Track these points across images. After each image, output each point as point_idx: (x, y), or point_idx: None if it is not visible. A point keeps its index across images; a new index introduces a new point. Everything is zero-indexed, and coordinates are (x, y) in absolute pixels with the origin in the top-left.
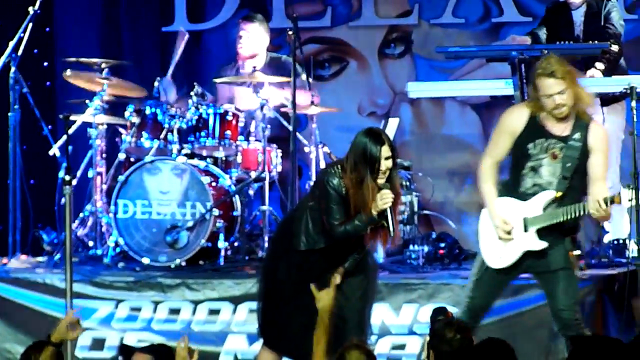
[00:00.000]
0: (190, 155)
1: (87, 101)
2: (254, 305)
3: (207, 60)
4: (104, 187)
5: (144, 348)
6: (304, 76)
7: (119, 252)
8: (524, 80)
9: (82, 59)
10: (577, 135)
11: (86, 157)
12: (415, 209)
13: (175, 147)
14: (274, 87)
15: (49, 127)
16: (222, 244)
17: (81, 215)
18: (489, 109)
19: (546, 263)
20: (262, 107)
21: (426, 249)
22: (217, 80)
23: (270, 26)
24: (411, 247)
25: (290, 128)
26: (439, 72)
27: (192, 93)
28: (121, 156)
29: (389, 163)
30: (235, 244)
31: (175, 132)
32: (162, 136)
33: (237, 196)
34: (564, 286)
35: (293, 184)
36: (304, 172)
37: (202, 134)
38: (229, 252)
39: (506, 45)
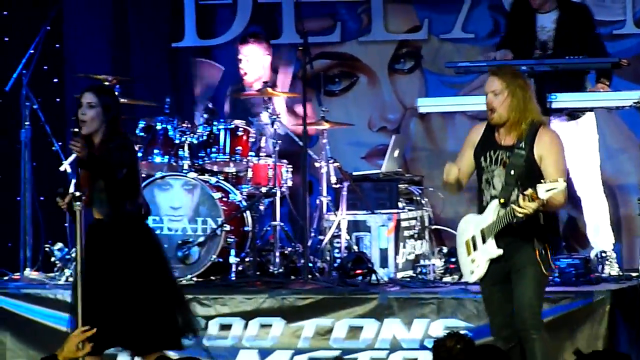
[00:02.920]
0: (201, 171)
1: None
2: (265, 320)
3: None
4: None
5: None
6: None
7: None
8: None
9: (92, 75)
10: (522, 144)
11: None
12: (426, 223)
13: (186, 163)
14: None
15: (59, 143)
16: (233, 259)
17: None
18: None
19: (513, 264)
20: (272, 123)
21: (437, 263)
22: (228, 95)
23: (280, 42)
24: (422, 261)
25: (301, 143)
26: (449, 87)
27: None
28: None
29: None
30: (246, 259)
31: (186, 147)
32: (172, 152)
33: (248, 212)
34: (524, 284)
35: (304, 199)
36: (314, 187)
37: (213, 149)
38: (240, 268)
39: (516, 60)
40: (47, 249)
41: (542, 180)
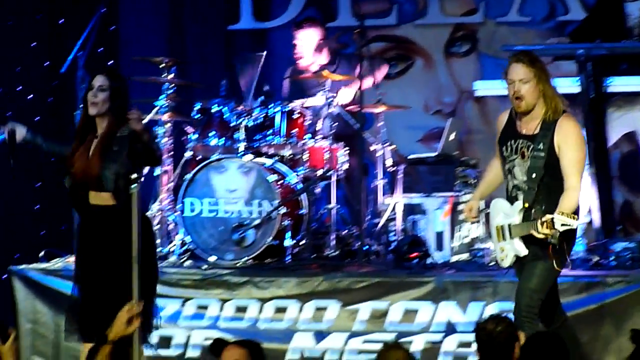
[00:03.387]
0: (257, 154)
1: (153, 100)
2: (320, 303)
3: (272, 59)
4: (171, 185)
5: (239, 342)
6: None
7: (186, 251)
8: (590, 79)
9: (147, 58)
10: (543, 136)
11: None
12: (482, 207)
13: (242, 146)
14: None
15: None
16: (288, 242)
17: (148, 213)
18: None
19: (525, 255)
20: (328, 105)
21: (492, 246)
22: (286, 78)
23: (336, 25)
24: (477, 245)
25: (357, 126)
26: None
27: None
28: (188, 154)
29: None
30: (302, 242)
31: (242, 130)
32: (228, 134)
33: (303, 194)
34: (530, 275)
35: (360, 182)
36: (370, 170)
37: (269, 132)
38: (295, 250)
39: (573, 44)
40: None
41: (562, 212)
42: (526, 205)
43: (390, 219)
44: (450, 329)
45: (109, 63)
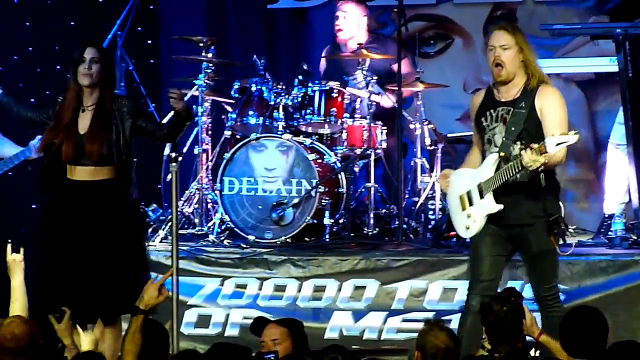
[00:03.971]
0: (296, 133)
1: (192, 79)
2: (359, 281)
3: (311, 38)
4: (210, 164)
5: (279, 320)
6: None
7: (225, 229)
8: (628, 58)
9: (187, 37)
10: (524, 100)
11: (192, 134)
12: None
13: (280, 124)
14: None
15: (154, 104)
16: (327, 220)
17: (187, 192)
18: (594, 86)
19: (527, 249)
20: (367, 85)
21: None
22: (323, 57)
23: (375, 4)
24: None
25: (396, 105)
26: (543, 50)
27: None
28: (227, 133)
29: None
30: (341, 220)
31: (280, 109)
32: (267, 113)
33: (342, 173)
34: (541, 267)
35: (398, 161)
36: (409, 149)
37: (308, 111)
38: (334, 229)
39: (611, 22)
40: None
41: (552, 134)
42: (502, 154)
43: (429, 198)
44: None
45: (147, 42)
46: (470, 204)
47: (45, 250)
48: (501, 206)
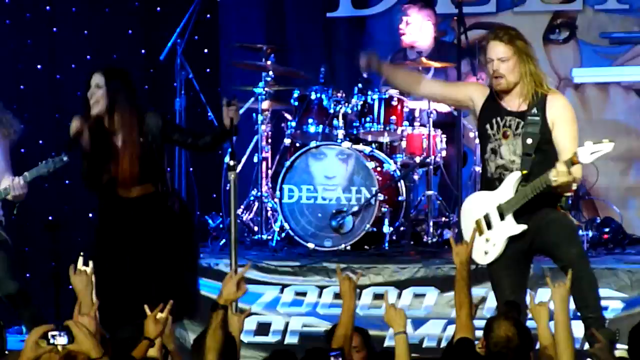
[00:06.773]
0: (355, 141)
1: (252, 87)
2: (418, 289)
3: (371, 46)
4: (270, 172)
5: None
6: None
7: (284, 237)
8: None
9: (248, 44)
10: (534, 110)
11: (251, 142)
12: (580, 194)
13: (340, 133)
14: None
15: (213, 113)
16: (387, 228)
17: (246, 200)
18: None
19: (545, 233)
20: None
21: (590, 234)
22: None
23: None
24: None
25: (456, 113)
26: (603, 58)
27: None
28: (286, 141)
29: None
30: (401, 228)
31: (340, 117)
32: (327, 121)
33: (402, 181)
34: (559, 235)
35: (458, 169)
36: (468, 157)
37: (367, 119)
38: (394, 237)
39: None
40: (201, 218)
41: (565, 147)
42: (524, 172)
43: None
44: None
45: (205, 51)
46: (489, 227)
47: (99, 268)
48: (525, 226)
